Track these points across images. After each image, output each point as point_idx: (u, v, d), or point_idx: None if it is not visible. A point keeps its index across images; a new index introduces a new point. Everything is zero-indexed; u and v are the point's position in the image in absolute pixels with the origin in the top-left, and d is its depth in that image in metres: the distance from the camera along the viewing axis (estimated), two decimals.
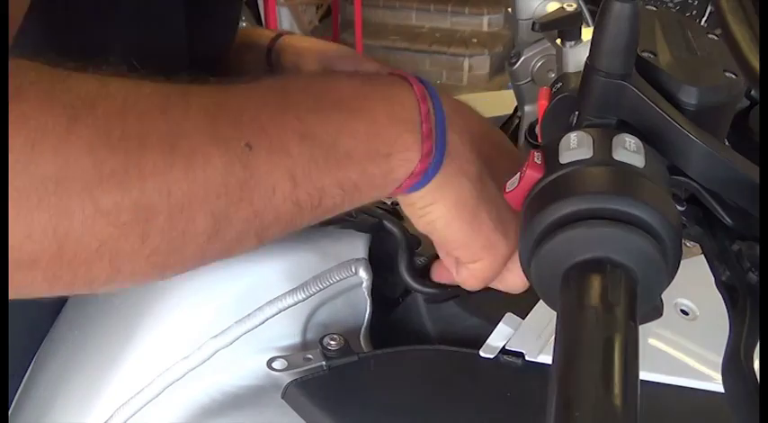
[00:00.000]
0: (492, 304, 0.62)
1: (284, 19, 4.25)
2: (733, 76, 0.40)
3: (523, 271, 0.36)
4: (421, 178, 0.45)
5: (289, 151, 0.40)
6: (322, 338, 0.58)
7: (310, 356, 0.58)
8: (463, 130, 0.47)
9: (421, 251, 0.65)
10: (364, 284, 0.63)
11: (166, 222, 0.37)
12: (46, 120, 0.35)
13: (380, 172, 0.44)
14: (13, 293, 0.38)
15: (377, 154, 0.43)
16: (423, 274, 0.64)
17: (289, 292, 0.60)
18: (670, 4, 0.70)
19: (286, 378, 0.57)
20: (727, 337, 0.35)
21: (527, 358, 0.56)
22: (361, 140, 0.43)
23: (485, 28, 4.50)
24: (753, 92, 0.45)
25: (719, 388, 0.34)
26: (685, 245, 0.45)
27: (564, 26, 0.68)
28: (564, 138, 0.37)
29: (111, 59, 0.39)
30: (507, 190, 0.39)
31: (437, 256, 0.58)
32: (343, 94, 0.44)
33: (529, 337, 0.57)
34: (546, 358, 0.56)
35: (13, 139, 0.34)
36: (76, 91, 0.36)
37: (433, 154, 0.44)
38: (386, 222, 0.63)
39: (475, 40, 4.35)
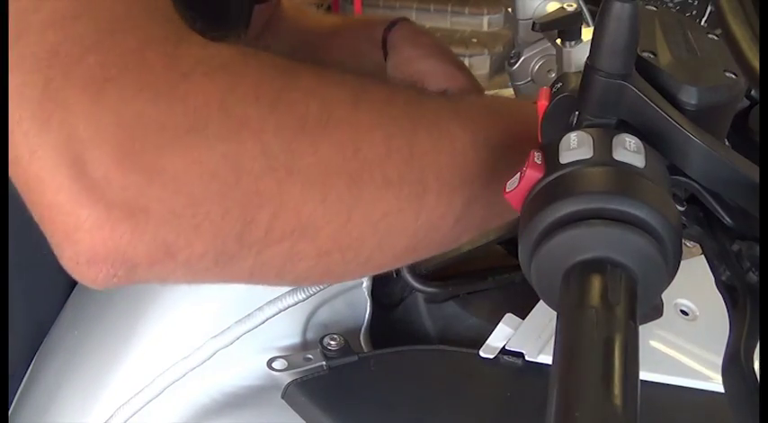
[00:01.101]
0: (492, 304, 0.62)
1: None
2: (733, 76, 0.40)
3: (523, 270, 0.36)
4: None
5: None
6: (322, 338, 0.58)
7: (310, 356, 0.58)
8: None
9: None
10: (364, 284, 0.63)
11: (435, 201, 0.40)
12: (335, 93, 0.36)
13: None
14: (267, 268, 0.37)
15: None
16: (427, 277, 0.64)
17: (289, 291, 0.60)
18: (670, 4, 0.70)
19: (286, 378, 0.57)
20: (727, 338, 0.35)
21: (527, 358, 0.56)
22: None
23: (485, 28, 4.49)
24: (753, 92, 0.44)
25: (719, 388, 0.34)
26: (685, 245, 0.45)
27: (564, 26, 0.68)
28: (564, 138, 0.37)
29: None
30: (507, 190, 0.39)
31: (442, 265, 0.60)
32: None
33: (529, 337, 0.57)
34: (546, 358, 0.56)
35: (308, 107, 0.34)
36: (342, 77, 0.38)
37: None
38: None
39: (475, 40, 4.34)
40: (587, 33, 0.68)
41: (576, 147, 0.36)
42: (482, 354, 0.57)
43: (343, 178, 0.35)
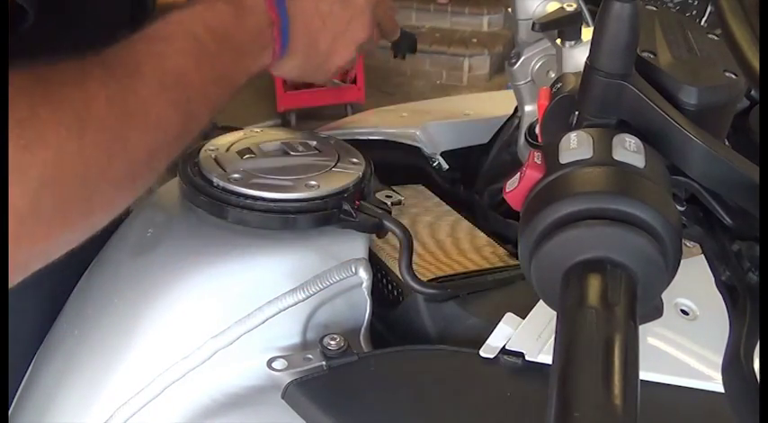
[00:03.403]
0: (492, 304, 0.62)
1: None
2: (733, 76, 0.40)
3: (523, 270, 0.37)
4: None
5: (207, 94, 0.56)
6: (322, 338, 0.58)
7: (310, 356, 0.58)
8: (296, 22, 0.64)
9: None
10: (364, 284, 0.63)
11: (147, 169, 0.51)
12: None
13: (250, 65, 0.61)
14: None
15: (246, 61, 0.60)
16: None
17: (289, 292, 0.60)
18: (670, 4, 0.70)
19: (286, 378, 0.57)
20: (727, 337, 0.35)
21: (527, 358, 0.56)
22: (243, 61, 0.60)
23: (485, 28, 4.50)
24: (753, 92, 0.45)
25: (719, 388, 0.34)
26: (685, 245, 0.45)
27: (564, 26, 0.68)
28: (564, 138, 0.37)
29: None
30: (507, 190, 0.40)
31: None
32: (226, 29, 0.58)
33: (529, 337, 0.57)
34: (546, 358, 0.55)
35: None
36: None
37: (281, 45, 0.63)
38: (386, 222, 0.63)
39: (475, 40, 4.34)
40: (587, 33, 0.68)
41: (575, 147, 0.36)
42: (482, 354, 0.57)
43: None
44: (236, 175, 0.63)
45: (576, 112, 0.40)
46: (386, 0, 0.74)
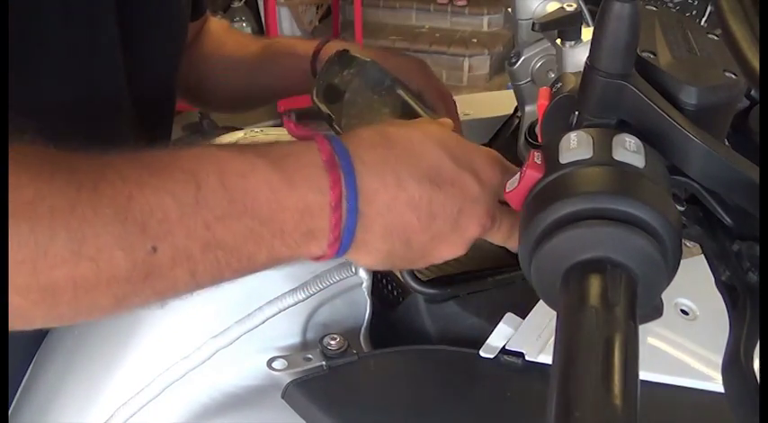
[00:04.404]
0: (492, 304, 0.62)
1: (284, 19, 4.23)
2: (733, 76, 0.40)
3: (523, 270, 0.37)
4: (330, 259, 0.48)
5: (192, 255, 0.42)
6: (322, 338, 0.58)
7: (310, 356, 0.58)
8: (373, 224, 0.46)
9: None
10: (364, 284, 0.63)
11: (72, 300, 0.40)
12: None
13: (284, 262, 0.47)
14: None
15: (280, 256, 0.45)
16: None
17: (289, 292, 0.60)
18: (670, 4, 0.70)
19: (286, 378, 0.57)
20: (727, 337, 0.35)
21: (527, 358, 0.56)
22: (265, 247, 0.44)
23: (485, 28, 4.50)
24: (753, 92, 0.44)
25: (719, 388, 0.34)
26: (685, 245, 0.45)
27: (564, 26, 0.68)
28: (564, 138, 0.37)
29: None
30: (507, 190, 0.40)
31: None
32: (256, 199, 0.44)
33: (529, 337, 0.57)
34: (546, 358, 0.55)
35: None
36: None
37: (338, 250, 0.46)
38: None
39: (475, 40, 4.34)
40: (587, 33, 0.68)
41: (575, 147, 0.36)
42: (482, 354, 0.57)
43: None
44: None
45: (576, 112, 0.40)
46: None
